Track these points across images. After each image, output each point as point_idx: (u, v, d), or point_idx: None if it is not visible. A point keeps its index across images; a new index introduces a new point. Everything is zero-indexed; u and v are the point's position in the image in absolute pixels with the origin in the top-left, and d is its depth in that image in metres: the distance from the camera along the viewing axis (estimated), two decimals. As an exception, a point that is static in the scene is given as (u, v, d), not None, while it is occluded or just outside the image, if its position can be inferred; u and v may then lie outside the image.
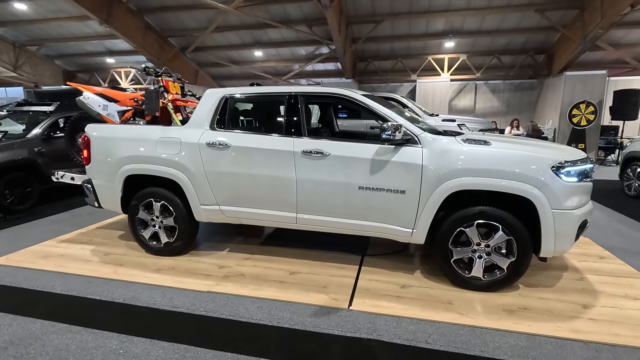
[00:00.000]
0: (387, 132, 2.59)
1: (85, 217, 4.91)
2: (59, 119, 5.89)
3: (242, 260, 3.33)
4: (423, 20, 11.26)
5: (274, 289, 2.79)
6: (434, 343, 2.14)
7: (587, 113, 10.12)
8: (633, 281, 2.91)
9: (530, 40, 12.07)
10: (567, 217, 2.48)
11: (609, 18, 8.99)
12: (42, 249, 3.66)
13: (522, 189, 2.46)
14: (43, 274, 3.10)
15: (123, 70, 16.19)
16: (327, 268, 3.16)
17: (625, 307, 2.51)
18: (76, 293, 2.76)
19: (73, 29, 13.33)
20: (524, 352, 2.05)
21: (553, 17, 10.45)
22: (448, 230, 2.69)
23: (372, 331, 2.26)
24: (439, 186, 2.60)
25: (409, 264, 3.24)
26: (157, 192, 3.33)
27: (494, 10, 10.41)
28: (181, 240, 3.37)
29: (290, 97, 3.07)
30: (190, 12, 11.69)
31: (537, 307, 2.51)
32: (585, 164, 2.59)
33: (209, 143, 3.11)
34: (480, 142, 2.65)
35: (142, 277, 3.00)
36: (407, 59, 13.58)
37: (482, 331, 2.25)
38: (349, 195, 2.84)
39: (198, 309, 2.53)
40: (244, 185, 3.09)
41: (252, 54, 14.27)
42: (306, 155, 2.89)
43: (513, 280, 2.68)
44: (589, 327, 2.28)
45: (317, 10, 10.89)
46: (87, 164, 3.53)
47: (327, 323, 2.34)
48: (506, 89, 13.35)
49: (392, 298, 2.65)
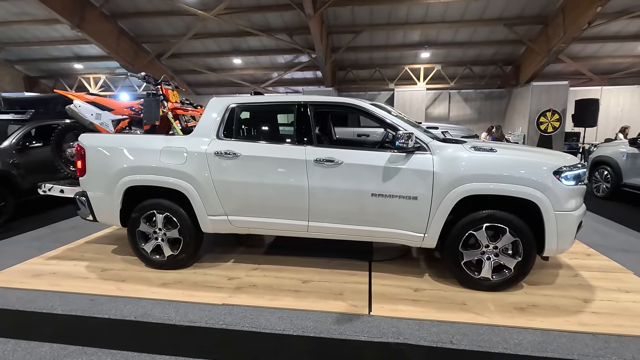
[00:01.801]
0: (401, 140, 2.68)
1: (68, 231, 4.63)
2: (34, 128, 5.55)
3: (251, 271, 3.28)
4: (400, 32, 11.68)
5: (290, 298, 2.78)
6: (459, 343, 2.21)
7: (552, 120, 10.86)
8: (621, 275, 3.16)
9: (499, 52, 12.83)
10: (568, 218, 2.66)
11: (570, 33, 9.77)
12: (30, 267, 3.42)
13: (528, 193, 2.62)
14: (38, 294, 2.89)
15: (92, 77, 15.49)
16: (338, 275, 3.18)
17: (621, 300, 2.72)
18: (81, 312, 2.61)
19: (38, 32, 12.63)
20: (543, 347, 2.17)
21: (520, 31, 11.20)
22: (458, 234, 2.80)
23: (398, 335, 2.30)
24: (450, 191, 2.72)
25: (416, 268, 3.33)
26: (160, 204, 3.22)
27: (467, 23, 11.01)
28: (186, 252, 3.27)
29: (300, 106, 3.10)
30: (167, 18, 11.44)
31: (544, 304, 2.66)
32: (580, 168, 2.80)
33: (217, 152, 3.07)
34: (486, 150, 2.80)
35: (149, 293, 2.88)
36: (385, 68, 13.99)
37: (500, 329, 2.36)
38: (361, 202, 2.89)
39: (217, 322, 2.46)
40: (254, 195, 3.06)
41: (230, 62, 14.14)
42: (318, 163, 2.92)
43: (520, 279, 2.83)
44: (594, 320, 2.45)
45: (297, 20, 11.02)
46: (82, 175, 3.35)
47: (352, 329, 2.36)
48: (478, 98, 14.07)
49: (408, 302, 2.71)
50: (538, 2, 10.05)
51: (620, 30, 11.15)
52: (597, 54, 12.53)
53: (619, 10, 9.75)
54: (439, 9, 10.46)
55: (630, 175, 5.84)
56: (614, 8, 9.50)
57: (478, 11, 10.50)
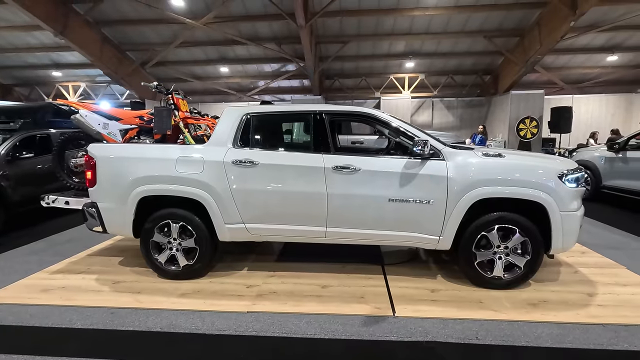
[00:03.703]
0: (418, 147, 2.81)
1: (65, 245, 4.48)
2: (24, 138, 5.35)
3: (268, 278, 3.31)
4: (386, 42, 12.04)
5: (314, 303, 2.82)
6: (484, 339, 2.33)
7: (531, 127, 11.45)
8: (616, 271, 3.40)
9: (479, 62, 13.43)
10: (572, 218, 2.86)
11: (546, 46, 10.39)
12: (36, 282, 3.30)
13: (537, 195, 2.81)
14: (52, 309, 2.80)
15: (71, 84, 15.00)
16: (355, 279, 3.25)
17: (620, 293, 2.93)
18: (102, 326, 2.55)
19: (13, 39, 12.17)
20: (561, 339, 2.32)
21: (499, 42, 11.79)
22: (471, 236, 2.95)
23: (426, 334, 2.40)
24: (464, 195, 2.86)
25: (428, 270, 3.45)
26: (175, 213, 3.21)
27: (449, 35, 11.49)
28: (201, 262, 3.25)
29: (315, 114, 3.18)
30: (153, 27, 11.31)
31: (554, 299, 2.84)
32: (579, 172, 3.02)
33: (235, 161, 3.10)
34: (495, 155, 2.98)
35: (169, 303, 2.85)
36: (371, 77, 14.33)
37: (519, 324, 2.50)
38: (379, 207, 2.99)
39: (247, 330, 2.48)
40: (272, 202, 3.10)
41: (216, 70, 14.08)
42: (337, 170, 3.01)
43: (529, 276, 3.00)
44: (601, 312, 2.63)
45: (286, 29, 11.16)
46: (92, 186, 3.29)
47: (381, 330, 2.44)
48: (459, 106, 14.61)
49: (428, 302, 2.82)
50: (515, 16, 10.65)
51: (589, 43, 11.95)
52: (568, 64, 13.34)
53: (588, 24, 10.47)
54: (424, 21, 10.88)
55: (608, 178, 6.26)
56: (583, 22, 10.20)
57: (460, 24, 11.00)
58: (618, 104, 13.94)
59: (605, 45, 12.07)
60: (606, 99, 13.95)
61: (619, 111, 13.93)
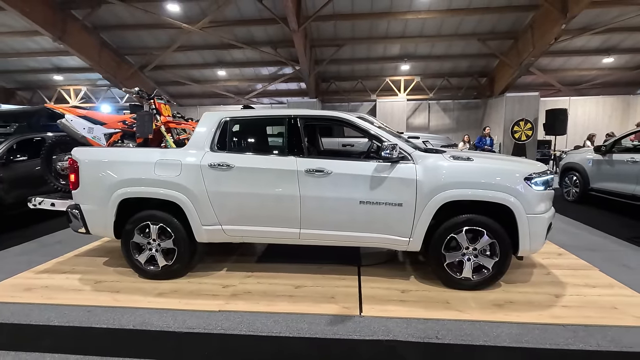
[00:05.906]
0: (386, 150, 2.89)
1: (55, 246, 4.59)
2: (18, 142, 5.49)
3: (245, 279, 3.39)
4: (381, 45, 12.13)
5: (285, 303, 2.90)
6: (444, 338, 2.39)
7: (526, 129, 11.48)
8: (588, 272, 3.45)
9: (474, 65, 13.48)
10: (538, 220, 2.92)
11: (539, 48, 10.43)
12: (21, 282, 3.40)
13: (503, 198, 2.87)
14: (32, 307, 2.90)
15: (72, 88, 15.24)
16: (329, 280, 3.32)
17: (588, 294, 2.98)
18: (78, 324, 2.63)
19: (15, 44, 12.42)
20: (519, 338, 2.38)
21: (492, 45, 11.85)
22: (440, 237, 3.01)
23: (387, 333, 2.46)
24: (433, 198, 2.93)
25: (402, 271, 3.52)
26: (154, 215, 3.30)
27: (443, 38, 11.57)
28: (180, 262, 3.34)
29: (290, 119, 3.27)
30: (151, 31, 11.49)
31: (520, 300, 2.89)
32: (547, 175, 3.08)
33: (212, 164, 3.19)
34: (464, 159, 3.05)
35: (146, 302, 2.94)
36: (367, 80, 14.42)
37: (481, 324, 2.55)
38: (350, 209, 3.07)
39: (215, 328, 2.55)
40: (247, 204, 3.19)
41: (214, 73, 14.24)
42: (309, 173, 3.09)
43: (498, 277, 3.05)
44: (564, 313, 2.69)
45: (281, 33, 11.29)
46: (75, 188, 3.40)
47: (345, 329, 2.50)
48: (455, 108, 14.66)
49: (396, 302, 2.88)
50: (508, 19, 10.71)
51: (584, 45, 11.97)
52: (563, 66, 13.36)
53: (581, 27, 10.51)
54: (417, 24, 10.96)
55: (596, 180, 6.29)
56: (577, 25, 10.24)
57: (453, 26, 11.07)
58: (615, 106, 13.94)
59: (600, 47, 12.09)
60: (603, 100, 13.95)
61: (616, 113, 13.92)
